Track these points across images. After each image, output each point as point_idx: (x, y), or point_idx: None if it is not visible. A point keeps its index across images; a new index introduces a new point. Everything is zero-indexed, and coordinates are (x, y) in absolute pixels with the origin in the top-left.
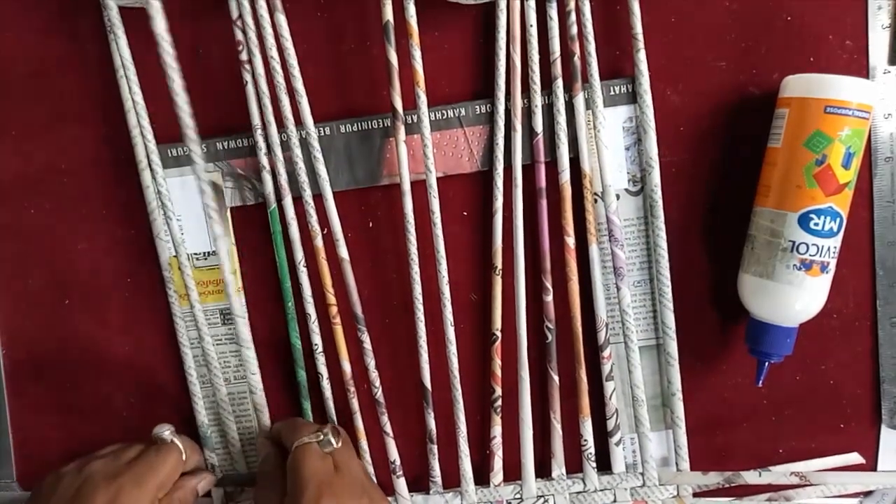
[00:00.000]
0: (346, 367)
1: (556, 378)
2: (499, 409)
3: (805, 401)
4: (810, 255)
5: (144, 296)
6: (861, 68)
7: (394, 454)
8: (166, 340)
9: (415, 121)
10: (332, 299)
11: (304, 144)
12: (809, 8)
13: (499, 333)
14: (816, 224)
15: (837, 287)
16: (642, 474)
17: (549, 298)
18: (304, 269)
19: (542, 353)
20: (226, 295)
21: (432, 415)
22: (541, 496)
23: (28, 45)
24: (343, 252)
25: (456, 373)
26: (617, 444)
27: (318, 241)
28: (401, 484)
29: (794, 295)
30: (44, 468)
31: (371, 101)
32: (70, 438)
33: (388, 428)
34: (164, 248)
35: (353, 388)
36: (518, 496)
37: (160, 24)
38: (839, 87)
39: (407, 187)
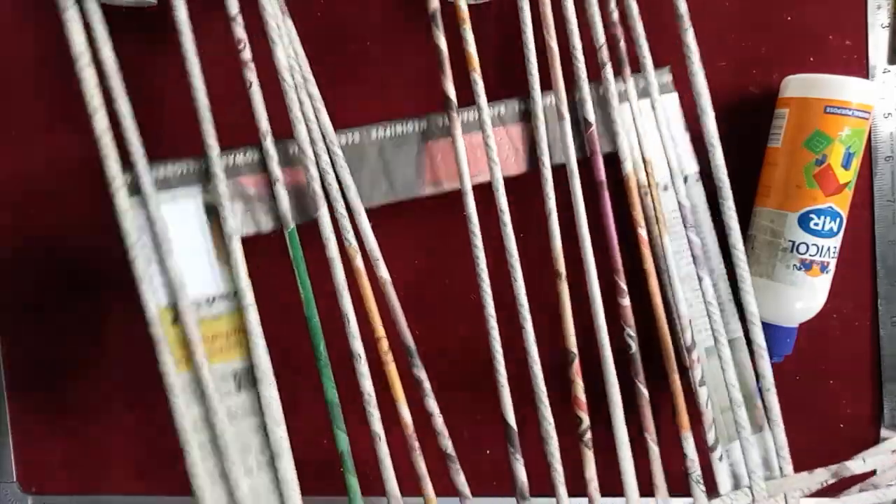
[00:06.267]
0: (406, 415)
1: (645, 392)
2: (589, 443)
3: (805, 401)
4: (810, 255)
5: None
6: (861, 68)
7: None
8: None
9: (457, 121)
10: (380, 331)
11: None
12: (809, 8)
13: (576, 350)
14: (816, 224)
15: (837, 287)
16: (750, 488)
17: (627, 302)
18: (347, 295)
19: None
20: (249, 347)
21: (521, 462)
22: None
23: (29, 45)
24: (383, 271)
25: (545, 400)
26: (720, 458)
27: (359, 262)
28: None
29: (794, 295)
30: (44, 469)
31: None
32: (70, 440)
33: (465, 489)
34: (151, 297)
35: (416, 444)
36: None
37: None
38: (839, 87)
39: (468, 186)
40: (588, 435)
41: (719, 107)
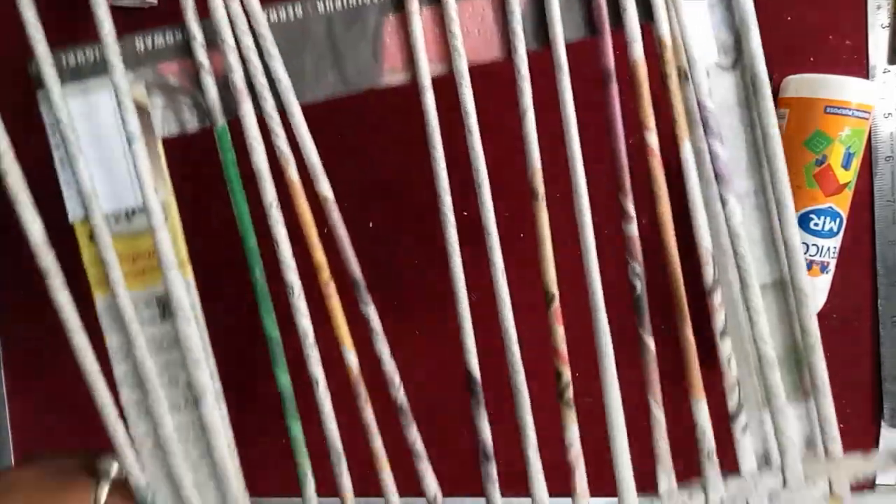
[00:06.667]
0: (352, 359)
1: (651, 345)
2: (571, 402)
3: None
4: (810, 256)
5: None
6: (861, 68)
7: (432, 485)
8: None
9: None
10: (321, 258)
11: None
12: (809, 8)
13: (556, 290)
14: (816, 224)
15: (837, 287)
16: (782, 470)
17: (634, 230)
18: (279, 216)
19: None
20: (162, 274)
21: (485, 417)
22: None
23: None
24: (325, 188)
25: (514, 348)
26: (743, 430)
27: (292, 173)
28: None
29: None
30: None
31: None
32: (70, 438)
33: (419, 446)
34: (36, 230)
35: (363, 392)
36: None
37: None
38: (839, 87)
39: (427, 81)
40: (569, 392)
41: None
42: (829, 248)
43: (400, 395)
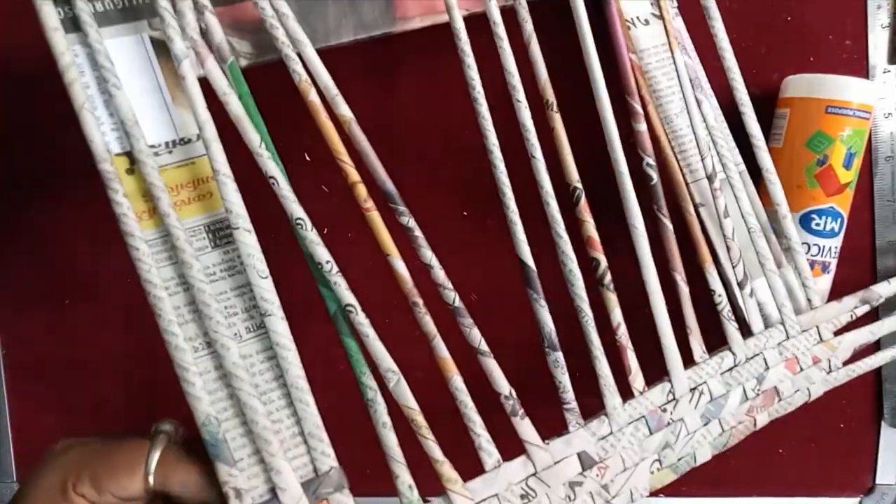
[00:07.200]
0: (402, 269)
1: (670, 226)
2: (611, 285)
3: None
4: (811, 256)
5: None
6: (861, 68)
7: (504, 384)
8: None
9: None
10: (354, 175)
11: None
12: (809, 8)
13: (580, 185)
14: (818, 224)
15: (838, 287)
16: (783, 324)
17: (643, 127)
18: (267, 154)
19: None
20: (220, 195)
21: (545, 308)
22: (693, 388)
23: (31, 45)
24: (344, 110)
25: (561, 229)
26: (751, 295)
27: (314, 96)
28: (526, 427)
29: None
30: None
31: None
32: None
33: (483, 346)
34: (98, 137)
35: (419, 299)
36: (671, 397)
37: None
38: (840, 87)
39: (459, 24)
40: (608, 277)
41: (720, 107)
42: (830, 248)
43: (455, 297)
